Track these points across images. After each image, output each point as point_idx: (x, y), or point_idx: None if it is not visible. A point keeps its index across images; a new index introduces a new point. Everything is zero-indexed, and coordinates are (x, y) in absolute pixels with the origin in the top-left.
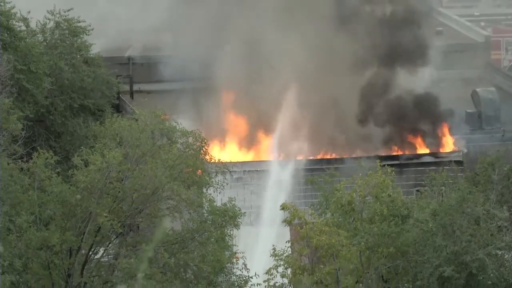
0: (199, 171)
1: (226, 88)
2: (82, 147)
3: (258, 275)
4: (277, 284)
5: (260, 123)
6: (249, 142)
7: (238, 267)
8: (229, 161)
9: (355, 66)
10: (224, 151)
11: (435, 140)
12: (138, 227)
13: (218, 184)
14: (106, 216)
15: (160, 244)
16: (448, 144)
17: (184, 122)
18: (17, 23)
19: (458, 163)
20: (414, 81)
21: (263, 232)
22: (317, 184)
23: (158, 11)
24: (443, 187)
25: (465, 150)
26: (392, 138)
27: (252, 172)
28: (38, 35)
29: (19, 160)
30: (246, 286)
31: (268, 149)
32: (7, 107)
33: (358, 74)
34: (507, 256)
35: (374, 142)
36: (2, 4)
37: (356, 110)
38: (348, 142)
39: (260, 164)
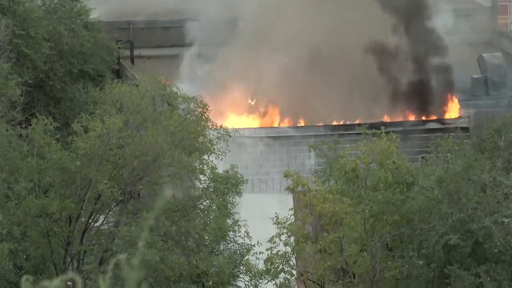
0: (201, 137)
1: (231, 56)
2: (81, 113)
3: (260, 244)
4: (279, 253)
5: (264, 91)
6: (253, 109)
7: (240, 235)
8: (232, 127)
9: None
10: (227, 118)
11: (440, 106)
12: (138, 194)
13: (220, 151)
14: (106, 183)
15: (161, 212)
16: (454, 110)
17: (185, 88)
18: None
19: (464, 129)
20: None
21: (266, 200)
22: (320, 150)
23: None
24: (449, 154)
25: (471, 116)
26: (396, 103)
27: (256, 138)
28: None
29: (18, 126)
30: (248, 254)
31: (271, 116)
32: (5, 73)
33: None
34: None
35: (378, 108)
36: None
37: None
38: (352, 108)
39: (265, 130)
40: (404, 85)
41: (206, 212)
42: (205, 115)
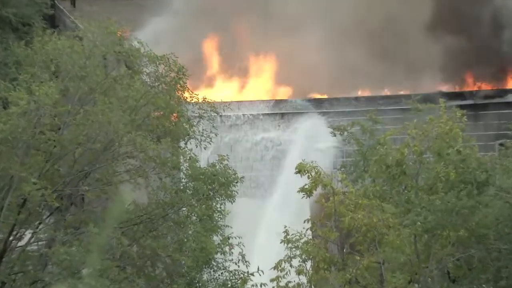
0: (175, 115)
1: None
2: None
3: (262, 272)
4: (290, 285)
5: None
6: (249, 76)
7: (232, 259)
8: (220, 100)
9: None
10: (213, 87)
11: None
12: (83, 199)
13: (203, 135)
14: (34, 183)
15: (116, 225)
16: None
17: (152, 43)
18: None
19: None
20: None
21: (270, 207)
22: (350, 134)
23: None
24: None
25: None
26: (461, 69)
27: (253, 117)
28: None
29: None
30: (244, 287)
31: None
32: None
33: None
34: None
35: (434, 75)
36: None
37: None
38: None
39: (266, 104)
40: (473, 43)
41: (182, 226)
42: (181, 82)
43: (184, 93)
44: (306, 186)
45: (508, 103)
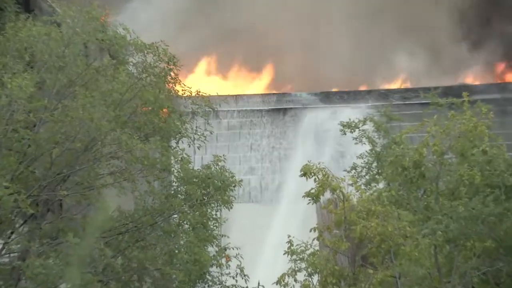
0: (165, 110)
1: None
2: None
3: (263, 287)
4: None
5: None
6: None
7: (229, 273)
8: (216, 94)
9: None
10: (207, 79)
11: None
12: (61, 205)
13: (196, 134)
14: (6, 187)
15: (99, 234)
16: None
17: (139, 30)
18: None
19: None
20: None
21: (272, 214)
22: (361, 132)
23: None
24: None
25: None
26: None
27: (253, 113)
28: None
29: None
30: None
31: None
32: None
33: None
34: None
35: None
36: None
37: None
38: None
39: (268, 99)
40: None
41: (173, 235)
42: (172, 73)
43: (175, 86)
44: (313, 191)
45: None
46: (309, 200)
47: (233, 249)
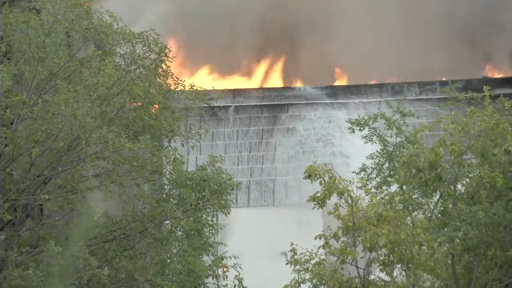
0: (156, 106)
1: None
2: None
3: None
4: None
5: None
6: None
7: (227, 284)
8: (212, 88)
9: None
10: (204, 74)
11: None
12: (41, 210)
13: (190, 132)
14: None
15: (83, 242)
16: None
17: (126, 17)
18: None
19: None
20: None
21: (274, 219)
22: (372, 130)
23: None
24: None
25: None
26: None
27: (253, 108)
28: None
29: None
30: None
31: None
32: None
33: None
34: None
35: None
36: None
37: None
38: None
39: (269, 94)
40: None
41: (164, 243)
42: (163, 65)
43: (167, 79)
44: (318, 194)
45: None
46: (315, 204)
47: (230, 258)
